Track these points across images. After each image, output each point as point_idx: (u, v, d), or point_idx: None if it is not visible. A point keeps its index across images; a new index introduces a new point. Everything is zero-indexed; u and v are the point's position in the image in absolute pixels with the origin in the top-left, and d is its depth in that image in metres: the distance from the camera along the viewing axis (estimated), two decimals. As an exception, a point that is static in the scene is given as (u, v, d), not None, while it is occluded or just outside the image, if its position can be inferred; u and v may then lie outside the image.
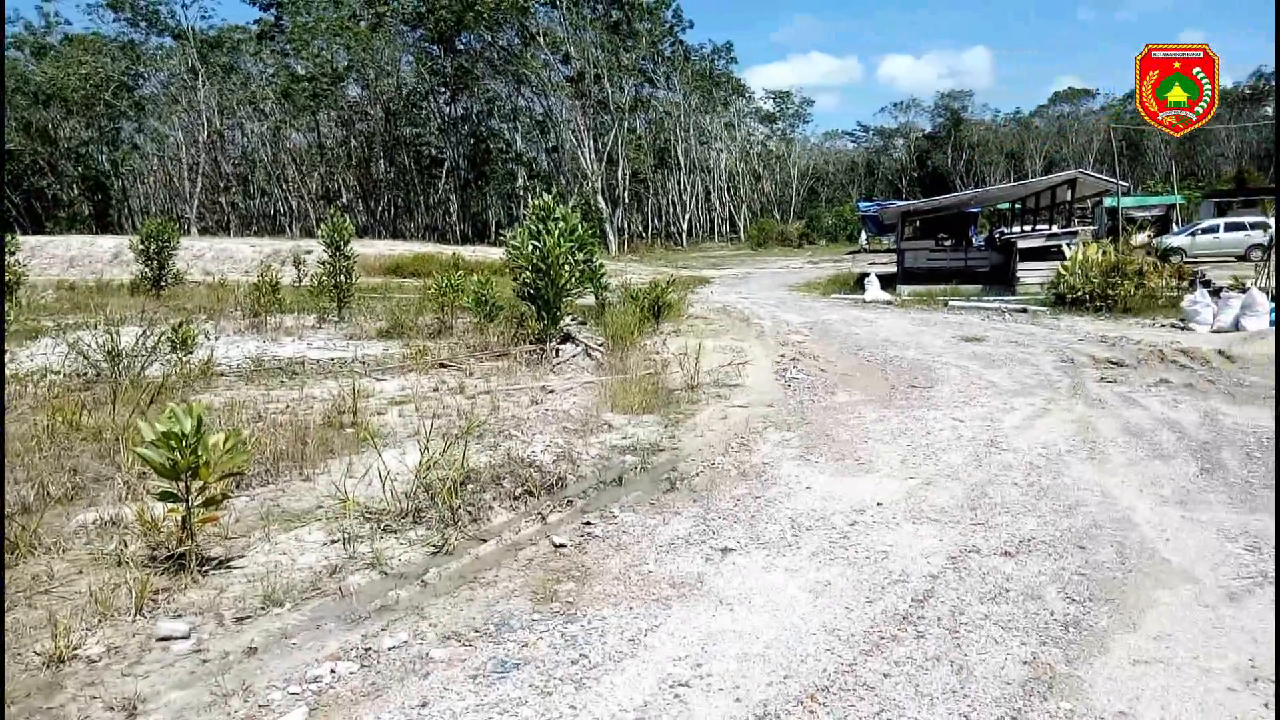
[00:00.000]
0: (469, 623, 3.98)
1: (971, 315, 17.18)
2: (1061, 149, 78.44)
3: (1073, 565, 4.53)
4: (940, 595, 4.18)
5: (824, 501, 5.69)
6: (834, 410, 8.55)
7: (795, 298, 23.70)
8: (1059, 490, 5.80)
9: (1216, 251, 29.71)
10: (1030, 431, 7.43)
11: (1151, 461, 6.43)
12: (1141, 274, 16.53)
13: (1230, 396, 8.54)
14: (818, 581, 4.38)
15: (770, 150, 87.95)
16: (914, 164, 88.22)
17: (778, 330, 15.38)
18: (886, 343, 13.26)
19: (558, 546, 4.90)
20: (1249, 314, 12.84)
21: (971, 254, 24.36)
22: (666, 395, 9.10)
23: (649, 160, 71.59)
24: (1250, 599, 4.11)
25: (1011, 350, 12.02)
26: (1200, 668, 3.49)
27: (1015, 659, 3.57)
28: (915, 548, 4.81)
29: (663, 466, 6.56)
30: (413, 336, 13.44)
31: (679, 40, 72.24)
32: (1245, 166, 65.56)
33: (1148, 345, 11.82)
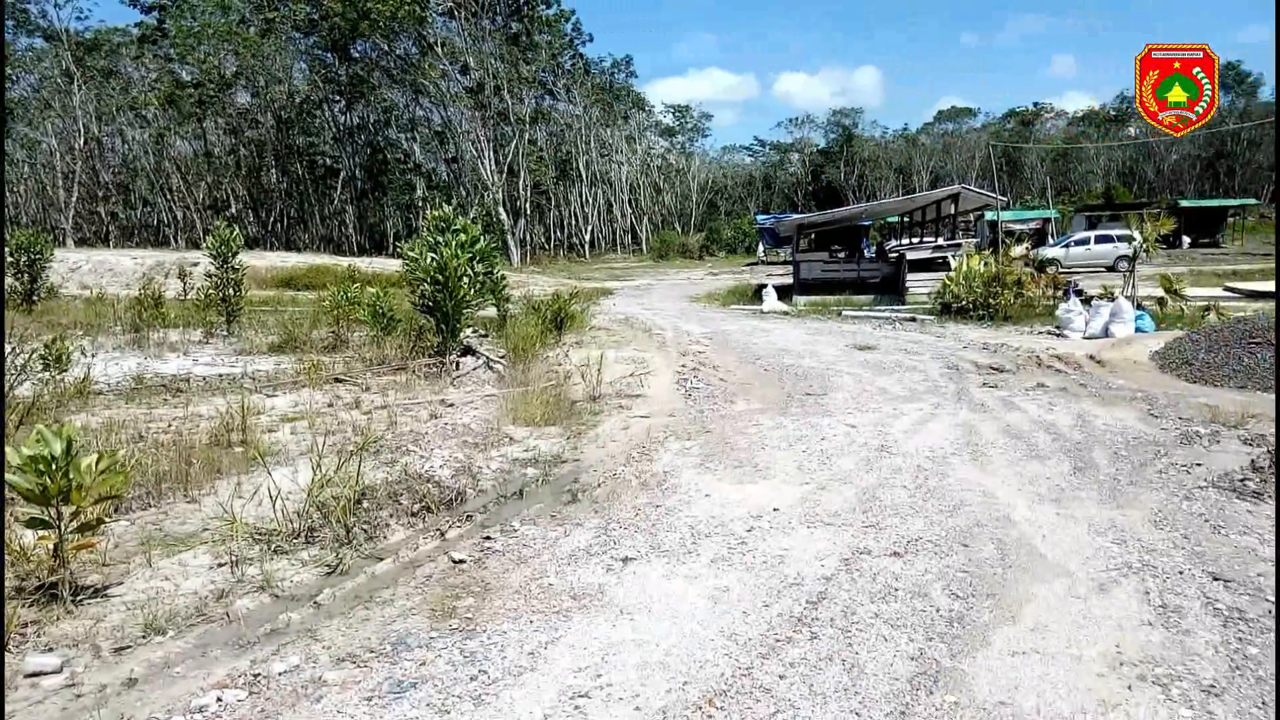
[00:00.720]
0: (364, 643, 3.89)
1: (864, 324, 17.76)
2: (946, 165, 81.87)
3: (957, 563, 4.74)
4: (833, 596, 4.31)
5: (723, 508, 5.79)
6: (733, 419, 8.70)
7: (696, 308, 24.03)
8: (944, 491, 6.05)
9: (1088, 262, 31.55)
10: (918, 436, 7.73)
11: (1029, 462, 6.77)
12: (1020, 284, 17.43)
13: (1100, 399, 9.07)
14: (716, 587, 4.45)
15: (671, 163, 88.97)
16: (809, 178, 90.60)
17: (679, 341, 15.57)
18: (783, 352, 13.58)
19: (457, 562, 4.83)
20: (1117, 321, 13.69)
21: (863, 265, 25.21)
22: (569, 407, 9.09)
23: (550, 172, 71.48)
24: (1117, 589, 4.38)
25: (901, 358, 12.47)
26: (1072, 656, 3.70)
27: (903, 655, 3.71)
28: (810, 551, 4.94)
29: (564, 478, 6.56)
30: (306, 351, 13.05)
31: (579, 53, 72.54)
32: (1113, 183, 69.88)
33: (1026, 351, 12.46)
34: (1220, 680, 3.47)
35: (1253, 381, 9.35)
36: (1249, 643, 3.78)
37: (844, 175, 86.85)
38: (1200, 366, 10.04)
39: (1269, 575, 4.48)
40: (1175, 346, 11.06)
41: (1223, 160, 77.76)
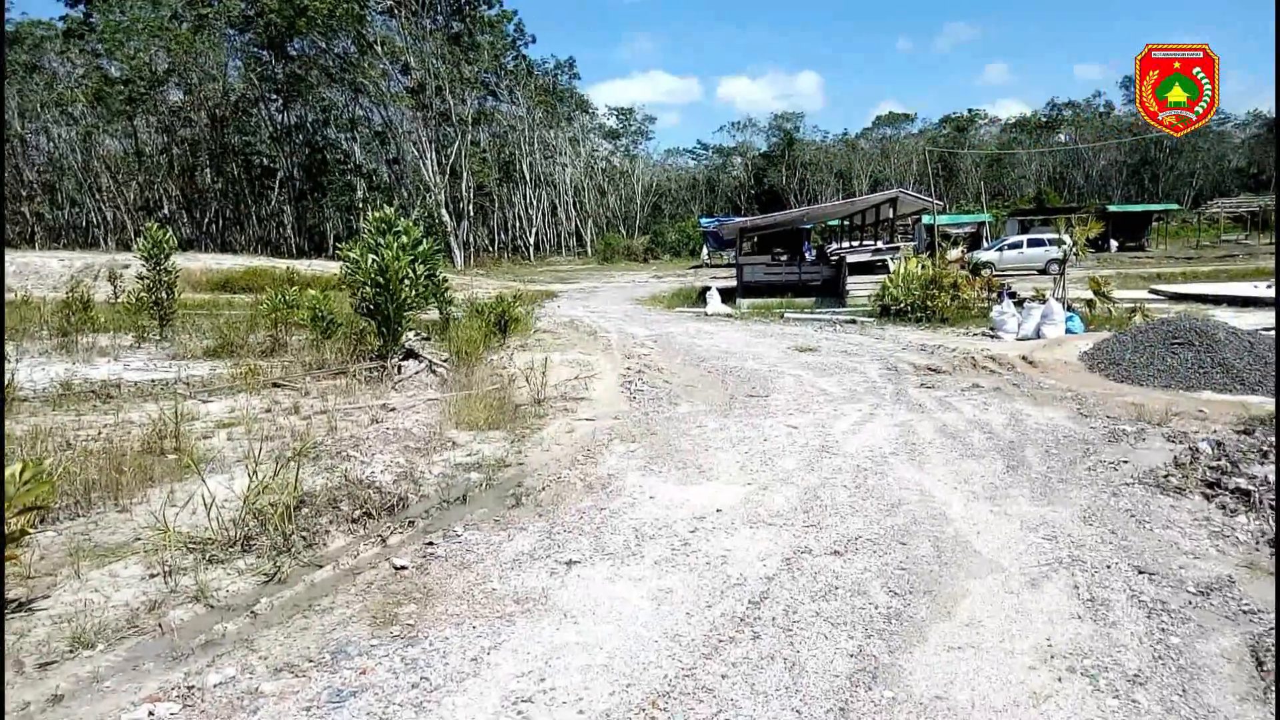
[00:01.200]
0: (303, 652, 3.82)
1: (806, 326, 17.99)
2: (885, 169, 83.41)
3: (895, 561, 4.83)
4: (775, 596, 4.36)
5: (667, 510, 5.82)
6: (677, 420, 8.75)
7: (641, 311, 24.08)
8: (883, 490, 6.16)
9: (1021, 265, 32.42)
10: (858, 436, 7.86)
11: (965, 461, 6.94)
12: (956, 286, 17.83)
13: (1032, 398, 9.33)
14: (660, 589, 4.47)
15: (615, 166, 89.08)
16: (752, 181, 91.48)
17: (624, 343, 15.58)
18: (727, 354, 13.68)
19: (399, 569, 4.78)
20: (1048, 322, 14.09)
21: (805, 268, 25.52)
22: (513, 410, 9.04)
23: (494, 174, 70.96)
24: (1048, 584, 4.51)
25: (841, 359, 12.67)
26: (1005, 650, 3.80)
27: (843, 652, 3.78)
28: (752, 551, 5.00)
29: (508, 482, 6.52)
30: (243, 355, 12.75)
31: (522, 54, 72.16)
32: (1044, 188, 71.88)
33: (962, 353, 12.75)
34: (1144, 670, 3.60)
35: (1175, 381, 9.70)
36: (1171, 633, 3.92)
37: (786, 179, 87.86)
38: (1127, 366, 10.38)
39: (1189, 567, 4.67)
40: (1103, 347, 11.43)
41: (1147, 167, 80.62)
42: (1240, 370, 9.56)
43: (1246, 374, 9.49)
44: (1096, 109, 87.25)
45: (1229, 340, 10.11)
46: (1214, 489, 5.88)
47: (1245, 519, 5.39)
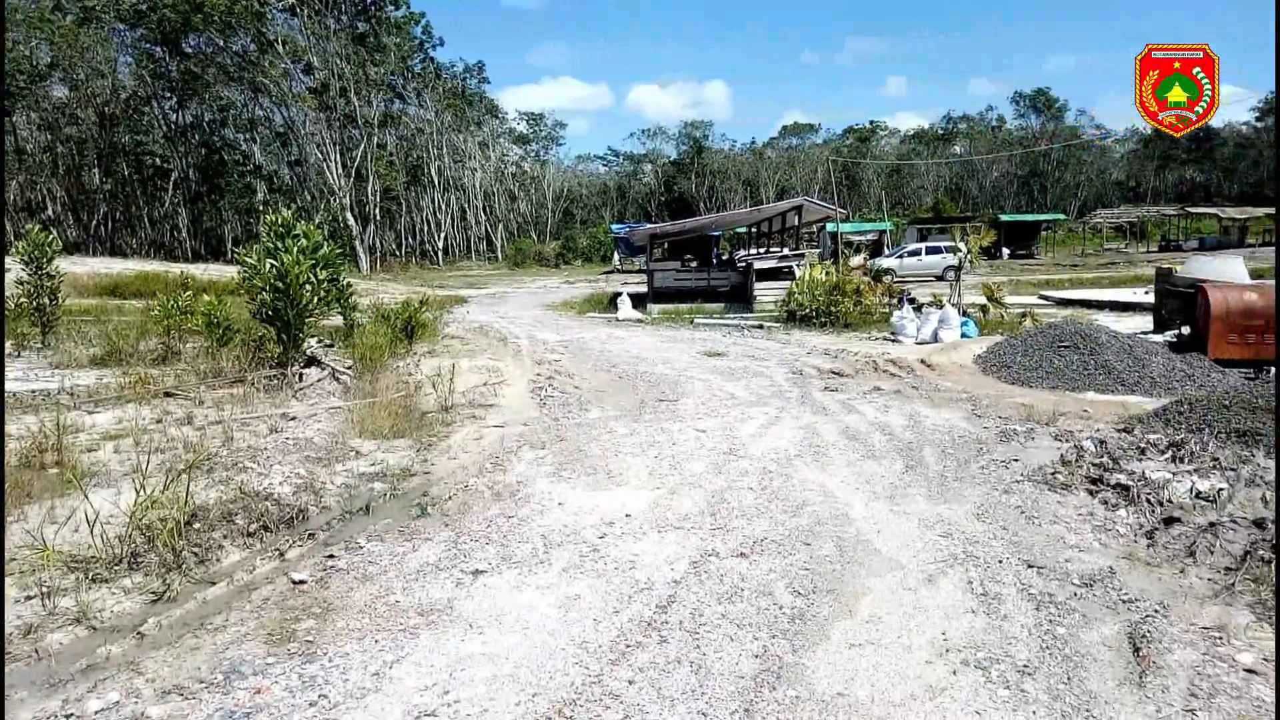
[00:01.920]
0: (193, 674, 3.66)
1: (715, 332, 18.21)
2: (791, 178, 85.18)
3: (799, 561, 4.92)
4: (682, 599, 4.39)
5: (575, 516, 5.79)
6: (587, 426, 8.73)
7: (552, 317, 23.98)
8: (788, 492, 6.28)
9: (920, 272, 33.54)
10: (764, 439, 7.99)
11: (866, 462, 7.12)
12: (859, 292, 18.34)
13: (930, 400, 9.65)
14: (568, 596, 4.45)
15: (525, 171, 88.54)
16: (662, 188, 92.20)
17: (534, 349, 15.49)
18: (637, 359, 13.74)
19: (297, 583, 4.62)
20: (945, 327, 14.63)
21: (714, 274, 25.85)
22: (419, 418, 8.88)
23: (401, 177, 69.64)
24: (944, 580, 4.66)
25: (749, 364, 12.87)
26: (903, 645, 3.91)
27: (748, 653, 3.82)
28: (660, 555, 5.02)
29: (414, 492, 6.39)
30: (133, 364, 12.15)
31: (430, 57, 71.13)
32: (941, 198, 74.62)
33: (864, 356, 13.11)
34: (1033, 660, 3.75)
35: (1062, 382, 10.19)
36: (1058, 624, 4.10)
37: (695, 186, 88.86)
38: (1017, 369, 10.85)
39: (1074, 560, 4.89)
40: (996, 350, 11.92)
41: (1036, 179, 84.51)
42: (1121, 372, 10.11)
43: (1126, 375, 10.04)
44: (989, 123, 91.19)
45: (1110, 343, 10.68)
46: (1097, 485, 6.19)
47: (1125, 513, 5.68)
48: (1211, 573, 4.69)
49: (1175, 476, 6.19)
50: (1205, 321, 11.00)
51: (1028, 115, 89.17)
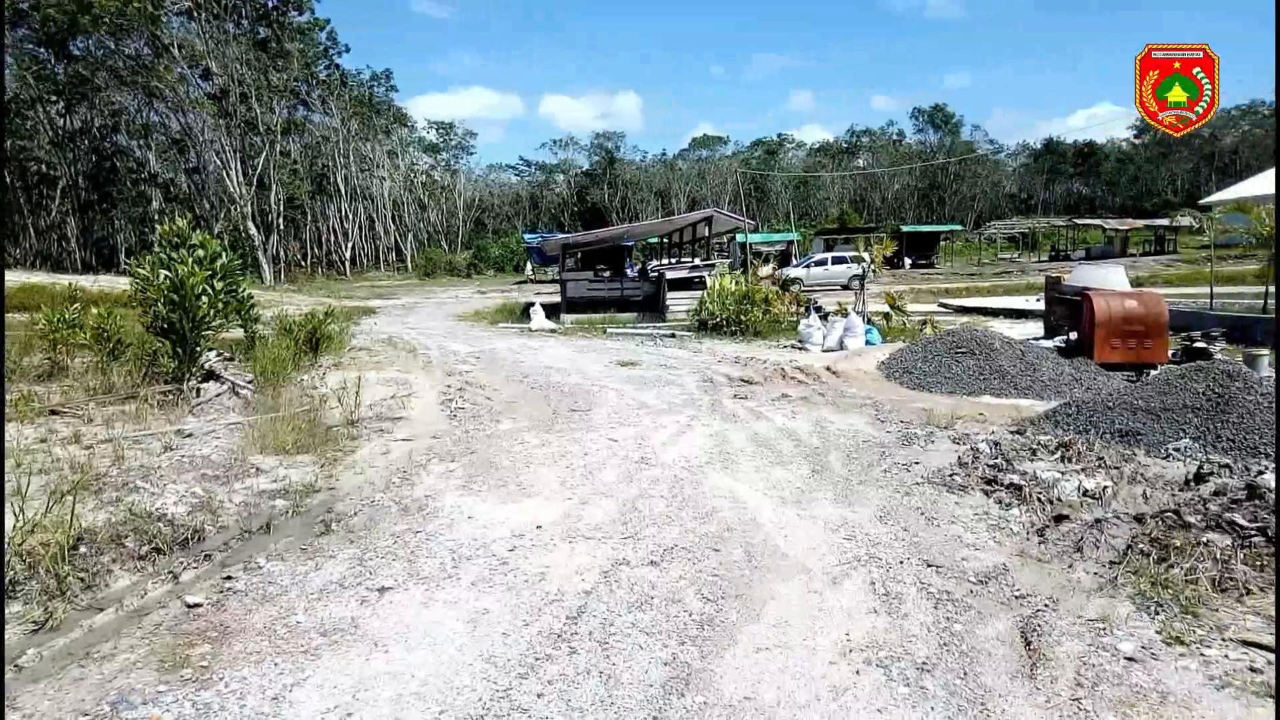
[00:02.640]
0: (77, 706, 3.47)
1: (628, 341, 18.28)
2: (702, 189, 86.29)
3: (709, 567, 4.98)
4: (592, 610, 4.39)
5: (486, 529, 5.73)
6: (498, 438, 8.65)
7: (463, 327, 23.67)
8: (699, 499, 6.34)
9: (826, 281, 34.38)
10: (676, 447, 8.06)
11: (774, 468, 7.25)
12: (768, 301, 18.70)
13: (836, 406, 9.90)
14: (476, 610, 4.39)
15: (435, 180, 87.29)
16: (575, 198, 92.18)
17: (445, 360, 15.27)
18: (550, 369, 13.69)
19: (191, 607, 4.44)
20: (850, 335, 15.04)
21: (627, 284, 25.95)
22: (324, 432, 8.64)
23: (306, 186, 67.79)
24: (848, 581, 4.78)
25: (661, 373, 12.96)
26: (808, 647, 3.99)
27: (658, 661, 3.84)
28: (571, 566, 5.00)
29: (317, 508, 6.22)
30: (15, 380, 11.49)
31: (335, 64, 69.50)
32: (846, 209, 76.72)
33: (773, 364, 13.36)
34: (932, 657, 3.88)
35: (960, 387, 10.58)
36: (955, 621, 4.25)
37: (608, 196, 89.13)
38: (918, 375, 11.22)
39: (971, 559, 5.08)
40: (898, 357, 12.30)
41: (935, 191, 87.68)
42: (1014, 376, 10.56)
43: (1019, 379, 10.49)
44: (890, 137, 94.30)
45: (1004, 349, 11.14)
46: (992, 485, 6.44)
47: (1018, 512, 5.93)
48: (1097, 567, 4.93)
49: (1064, 475, 6.49)
50: (1090, 328, 11.60)
51: (926, 130, 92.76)
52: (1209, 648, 3.91)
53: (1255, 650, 3.89)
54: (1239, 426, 7.21)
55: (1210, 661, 3.79)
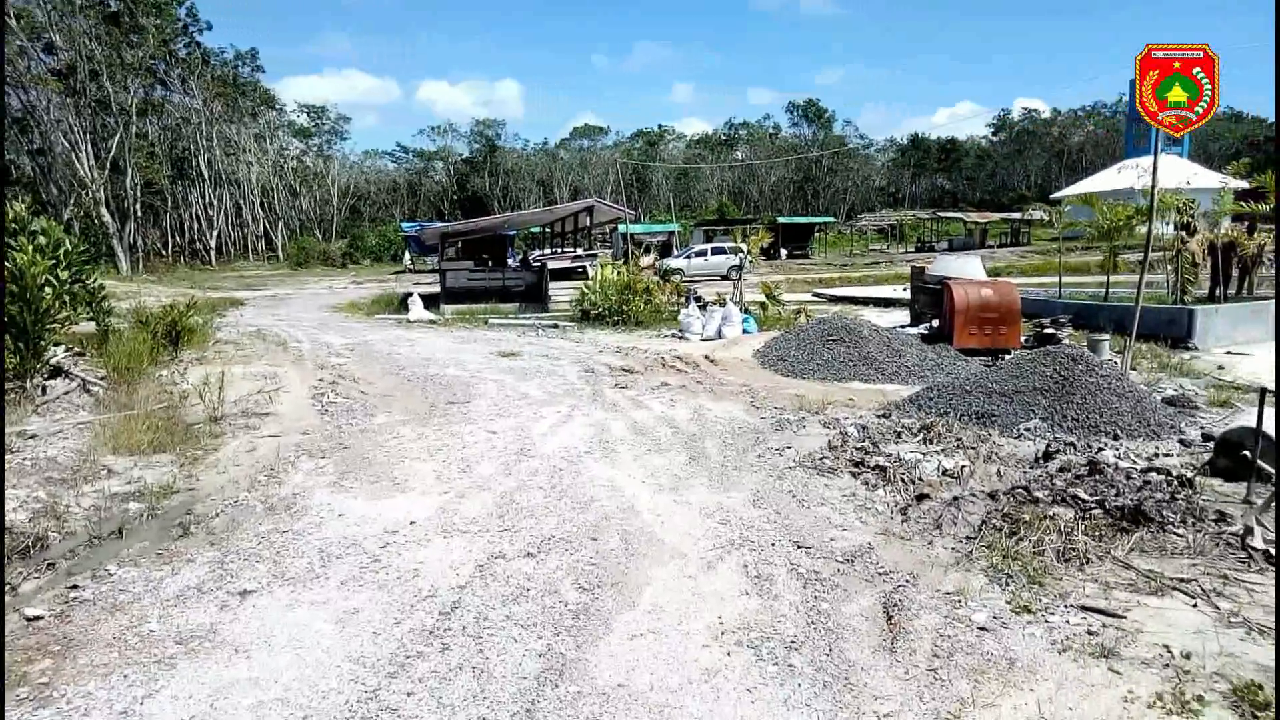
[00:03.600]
0: (-105, 735, 3.19)
1: (509, 332, 18.09)
2: (584, 179, 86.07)
3: (586, 557, 4.99)
4: (466, 604, 4.33)
5: (357, 526, 5.57)
6: (373, 432, 8.42)
7: (338, 319, 22.90)
8: (577, 489, 6.35)
9: (707, 271, 34.92)
10: (555, 437, 8.04)
11: (653, 455, 7.33)
12: (649, 291, 18.87)
13: (713, 394, 10.08)
14: (345, 610, 4.27)
15: (308, 166, 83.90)
16: (455, 187, 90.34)
17: (317, 353, 14.73)
18: (428, 361, 13.41)
19: (31, 619, 4.15)
20: (728, 324, 15.35)
21: (508, 274, 25.66)
22: (184, 430, 8.20)
23: (166, 170, 63.99)
24: (722, 565, 4.88)
25: (542, 363, 12.90)
26: (682, 632, 4.06)
27: (532, 653, 3.83)
28: (445, 561, 4.92)
29: (175, 510, 5.90)
30: None
31: (195, 41, 65.75)
32: (725, 201, 78.13)
33: (653, 354, 13.49)
34: (800, 636, 4.00)
35: (831, 373, 10.96)
36: (822, 599, 4.40)
37: (489, 185, 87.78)
38: (792, 362, 11.56)
39: (838, 539, 5.27)
40: (773, 345, 12.63)
41: (809, 183, 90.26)
42: (881, 362, 11.01)
43: (885, 365, 10.94)
44: (767, 130, 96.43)
45: (872, 336, 11.60)
46: (859, 467, 6.70)
47: (883, 492, 6.19)
48: (955, 542, 5.20)
49: (926, 456, 6.82)
50: (950, 315, 12.21)
51: (801, 124, 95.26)
52: (1053, 615, 4.19)
53: (1092, 615, 4.19)
54: (1082, 407, 7.74)
55: (1054, 628, 4.05)
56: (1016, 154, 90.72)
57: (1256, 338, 14.19)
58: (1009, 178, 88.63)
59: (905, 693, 3.51)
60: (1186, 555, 4.90)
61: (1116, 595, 4.39)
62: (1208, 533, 5.10)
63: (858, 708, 3.40)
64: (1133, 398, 7.91)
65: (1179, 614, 4.19)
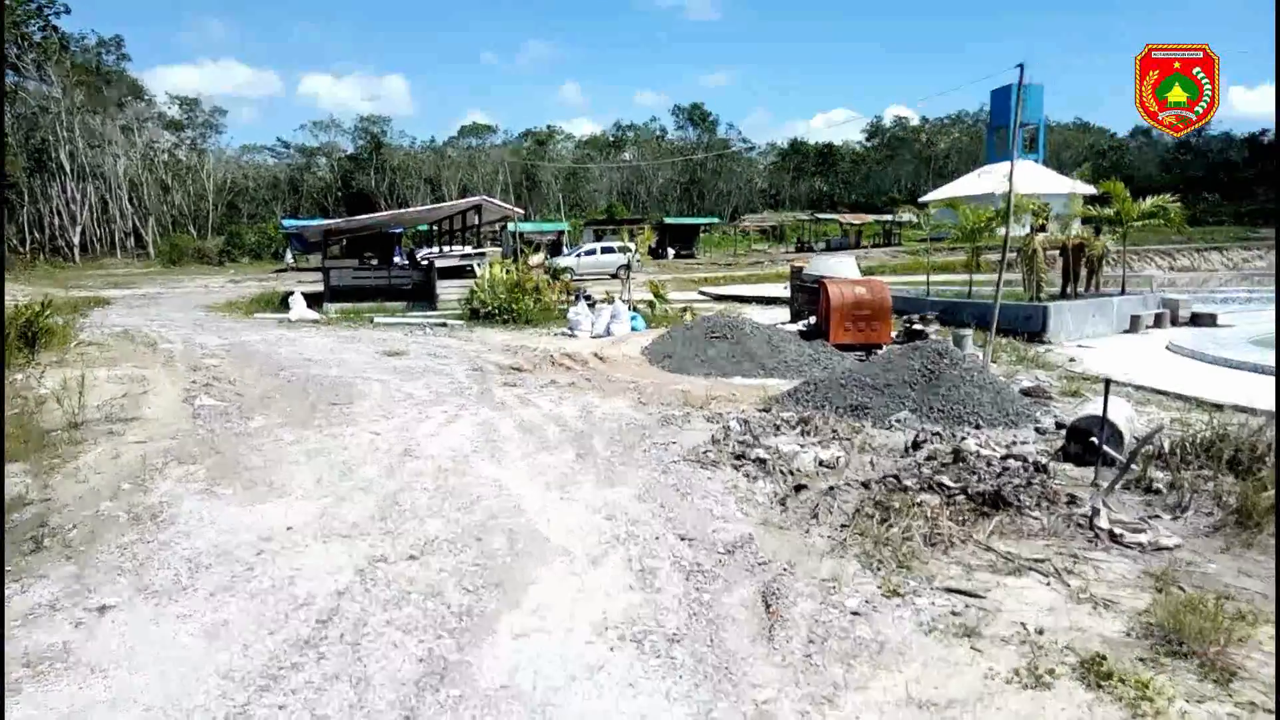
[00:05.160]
0: None
1: (396, 331, 17.70)
2: (473, 177, 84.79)
3: (470, 558, 4.95)
4: (345, 611, 4.23)
5: (229, 535, 5.36)
6: (249, 436, 8.11)
7: (214, 319, 21.90)
8: (463, 489, 6.28)
9: (596, 270, 34.98)
10: (441, 437, 7.92)
11: (540, 453, 7.32)
12: (539, 290, 18.80)
13: (601, 391, 10.13)
14: (214, 623, 4.11)
15: (181, 160, 79.80)
16: (339, 183, 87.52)
17: (190, 355, 14.06)
18: (310, 362, 12.99)
19: None
20: (616, 322, 15.46)
21: (395, 273, 25.12)
22: (40, 438, 7.70)
23: (21, 162, 59.80)
24: (607, 561, 4.92)
25: (430, 362, 12.68)
26: (567, 629, 4.07)
27: (412, 658, 3.77)
28: (324, 567, 4.80)
29: (28, 524, 5.54)
30: None
31: (52, 25, 61.63)
32: (614, 201, 78.51)
33: (542, 351, 13.45)
34: (682, 628, 4.08)
35: (715, 369, 11.18)
36: (704, 591, 4.49)
37: (376, 182, 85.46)
38: (678, 359, 11.73)
39: (720, 530, 5.39)
40: (660, 342, 12.79)
41: (695, 185, 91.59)
42: (762, 358, 11.30)
43: (766, 361, 11.24)
44: (654, 132, 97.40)
45: (754, 334, 11.89)
46: (741, 460, 6.86)
47: (763, 483, 6.36)
48: (830, 531, 5.39)
49: (804, 448, 7.02)
50: (826, 312, 12.63)
51: (686, 127, 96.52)
52: (920, 597, 4.39)
53: (956, 596, 4.42)
54: (947, 398, 8.14)
55: (921, 610, 4.25)
56: (889, 159, 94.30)
57: (1102, 331, 15.25)
58: (882, 182, 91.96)
59: (782, 679, 3.62)
60: (1041, 536, 5.22)
61: (978, 576, 4.64)
62: (1060, 515, 5.45)
63: (736, 697, 3.49)
64: (993, 389, 8.37)
65: (1034, 592, 4.46)
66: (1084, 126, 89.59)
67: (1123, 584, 4.54)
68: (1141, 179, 54.80)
